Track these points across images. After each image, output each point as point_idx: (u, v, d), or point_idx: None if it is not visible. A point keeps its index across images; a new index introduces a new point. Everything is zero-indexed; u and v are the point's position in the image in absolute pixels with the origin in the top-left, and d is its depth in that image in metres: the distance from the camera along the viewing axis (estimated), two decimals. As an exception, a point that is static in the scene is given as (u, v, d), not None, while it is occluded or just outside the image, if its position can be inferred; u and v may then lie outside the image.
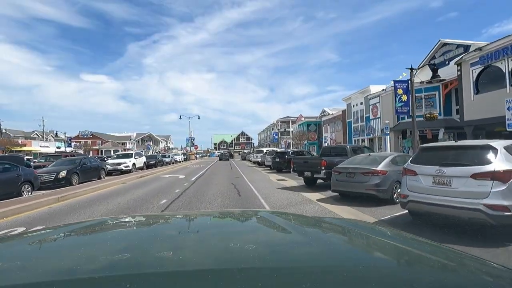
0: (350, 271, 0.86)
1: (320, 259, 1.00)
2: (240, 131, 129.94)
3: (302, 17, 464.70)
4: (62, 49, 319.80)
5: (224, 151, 75.86)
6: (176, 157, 43.92)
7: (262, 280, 0.79)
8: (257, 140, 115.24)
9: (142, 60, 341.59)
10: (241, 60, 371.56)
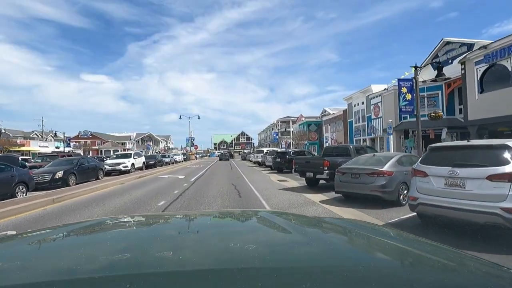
0: (350, 271, 0.85)
1: (320, 259, 0.99)
2: (240, 131, 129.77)
3: (302, 17, 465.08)
4: (62, 49, 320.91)
5: (224, 151, 75.51)
6: (175, 157, 43.62)
7: (262, 280, 0.78)
8: (257, 140, 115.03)
9: (142, 60, 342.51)
10: (241, 60, 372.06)
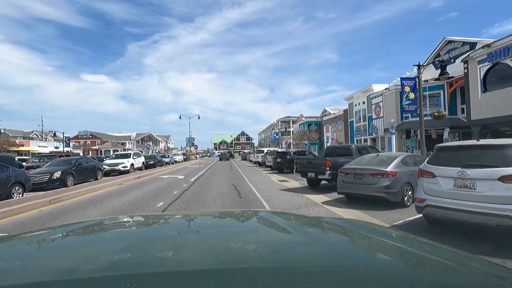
0: (350, 271, 0.84)
1: (320, 259, 0.99)
2: (240, 131, 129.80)
3: (302, 17, 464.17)
4: (62, 49, 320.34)
5: (224, 151, 75.34)
6: (175, 157, 43.47)
7: (262, 280, 0.77)
8: (257, 140, 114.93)
9: (142, 60, 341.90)
10: (241, 60, 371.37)
